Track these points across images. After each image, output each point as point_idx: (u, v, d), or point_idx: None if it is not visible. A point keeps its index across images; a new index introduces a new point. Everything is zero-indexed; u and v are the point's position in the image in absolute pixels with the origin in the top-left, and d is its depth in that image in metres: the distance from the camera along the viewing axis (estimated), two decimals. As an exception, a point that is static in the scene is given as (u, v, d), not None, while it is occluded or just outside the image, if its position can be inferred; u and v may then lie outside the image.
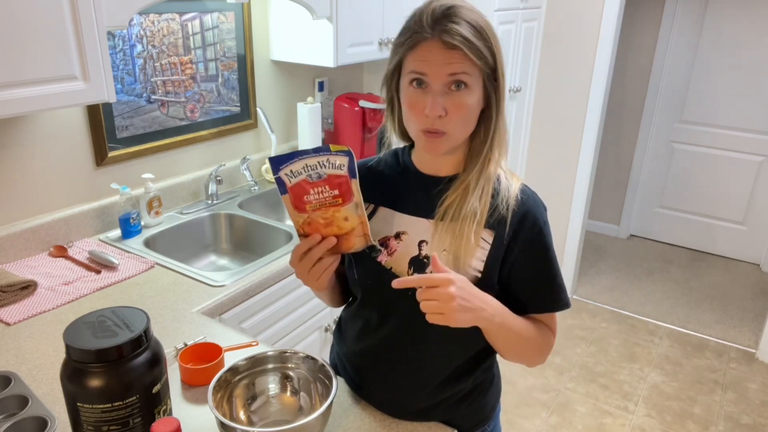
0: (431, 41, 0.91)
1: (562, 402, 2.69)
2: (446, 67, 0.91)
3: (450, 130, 0.94)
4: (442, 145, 0.96)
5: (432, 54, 0.91)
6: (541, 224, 1.01)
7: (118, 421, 0.90)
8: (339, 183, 0.91)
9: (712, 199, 4.06)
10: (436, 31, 0.90)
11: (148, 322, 0.95)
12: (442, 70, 0.91)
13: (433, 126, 0.94)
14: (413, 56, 0.93)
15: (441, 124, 0.93)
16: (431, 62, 0.91)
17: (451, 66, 0.90)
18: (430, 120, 0.93)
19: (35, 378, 1.21)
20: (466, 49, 0.89)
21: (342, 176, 0.90)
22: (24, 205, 1.70)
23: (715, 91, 3.85)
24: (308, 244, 0.95)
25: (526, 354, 1.05)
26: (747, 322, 3.36)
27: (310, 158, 0.90)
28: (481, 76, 0.94)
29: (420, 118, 0.94)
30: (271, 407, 1.07)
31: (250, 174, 2.27)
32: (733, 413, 2.64)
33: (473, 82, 0.93)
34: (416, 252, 1.02)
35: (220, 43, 2.14)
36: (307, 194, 0.92)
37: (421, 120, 0.94)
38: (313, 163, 0.90)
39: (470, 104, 0.94)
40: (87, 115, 1.80)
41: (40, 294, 1.52)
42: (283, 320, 1.80)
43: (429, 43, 0.91)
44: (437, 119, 0.93)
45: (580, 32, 3.04)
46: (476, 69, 0.92)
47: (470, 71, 0.92)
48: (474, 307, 0.90)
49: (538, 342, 1.04)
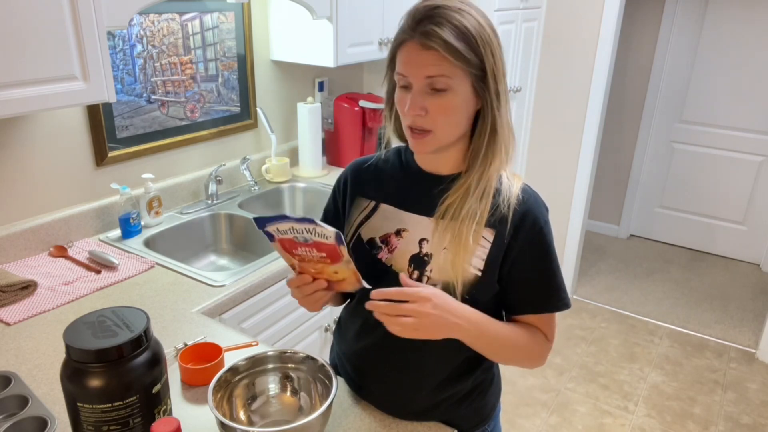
0: (411, 42, 0.92)
1: (562, 402, 2.69)
2: (423, 69, 0.91)
3: (435, 128, 0.95)
4: (427, 144, 0.97)
5: (411, 55, 0.92)
6: (541, 223, 1.01)
7: (118, 421, 0.90)
8: (328, 248, 0.92)
9: (712, 199, 4.06)
10: (417, 32, 0.91)
11: (148, 322, 0.95)
12: (419, 71, 0.92)
13: (415, 123, 0.95)
14: (398, 57, 0.95)
15: (424, 122, 0.94)
16: (410, 63, 0.92)
17: (426, 68, 0.91)
18: (410, 118, 0.94)
19: (35, 378, 1.21)
20: (444, 51, 0.89)
21: (329, 244, 0.91)
22: (24, 205, 1.70)
23: (715, 91, 3.85)
24: (300, 282, 0.99)
25: (513, 360, 1.06)
26: (747, 322, 3.36)
27: (296, 223, 0.91)
28: (466, 77, 0.92)
29: (404, 115, 0.96)
30: (271, 407, 1.07)
31: (250, 174, 2.27)
32: (733, 413, 2.64)
33: (455, 84, 0.92)
34: (417, 249, 1.02)
35: (220, 43, 2.14)
36: (295, 249, 0.95)
37: (405, 117, 0.96)
38: (299, 227, 0.91)
39: (453, 106, 0.93)
40: (87, 115, 1.80)
41: (40, 294, 1.52)
42: (283, 320, 1.80)
43: (409, 44, 0.92)
44: (418, 117, 0.94)
45: (580, 32, 3.04)
46: (457, 70, 0.91)
47: (449, 73, 0.91)
48: (448, 323, 0.92)
49: (527, 348, 1.04)
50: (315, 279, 0.98)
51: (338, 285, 0.99)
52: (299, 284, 1.00)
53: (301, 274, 0.99)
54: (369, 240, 1.07)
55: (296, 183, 2.41)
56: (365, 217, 1.09)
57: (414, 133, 0.96)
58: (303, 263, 0.97)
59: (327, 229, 0.89)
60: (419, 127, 0.95)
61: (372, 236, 1.07)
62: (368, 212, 1.09)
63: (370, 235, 1.08)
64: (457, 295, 0.99)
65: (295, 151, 2.54)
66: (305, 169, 2.49)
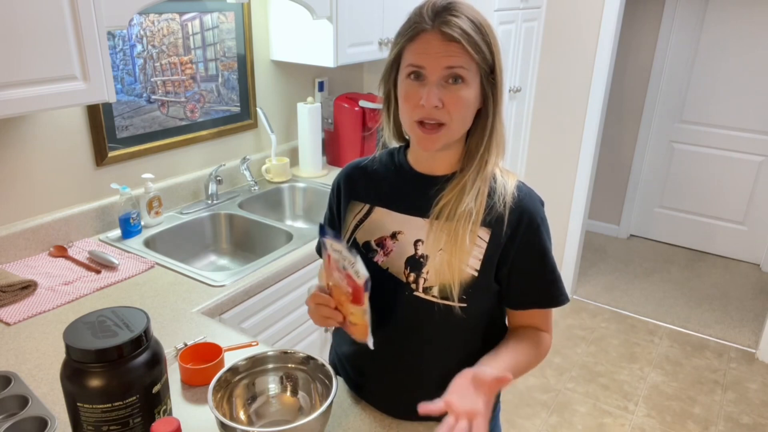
0: (430, 33, 0.91)
1: (562, 402, 2.69)
2: (444, 59, 0.90)
3: (450, 121, 0.93)
4: (439, 139, 0.95)
5: (431, 46, 0.91)
6: (538, 221, 1.01)
7: (118, 421, 0.90)
8: (355, 287, 0.94)
9: (712, 199, 4.06)
10: (437, 22, 0.90)
11: (148, 322, 0.95)
12: (440, 62, 0.91)
13: (430, 116, 0.92)
14: (412, 48, 0.93)
15: (439, 114, 0.92)
16: (429, 54, 0.91)
17: (449, 59, 0.90)
18: (426, 110, 0.92)
19: (35, 378, 1.21)
20: (465, 42, 0.89)
21: (359, 285, 0.93)
22: (24, 205, 1.70)
23: (715, 91, 3.85)
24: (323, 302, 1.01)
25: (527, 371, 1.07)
26: (747, 322, 3.36)
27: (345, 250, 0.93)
28: (478, 72, 0.93)
29: (415, 109, 0.93)
30: (271, 407, 1.07)
31: (250, 174, 2.27)
32: (733, 413, 2.64)
33: (470, 78, 0.92)
34: (412, 251, 1.02)
35: (220, 43, 2.14)
36: (334, 270, 0.97)
37: (416, 111, 0.93)
38: (344, 254, 0.93)
39: (467, 99, 0.93)
40: (87, 115, 1.80)
41: (40, 294, 1.52)
42: (283, 320, 1.80)
43: (428, 34, 0.91)
44: (434, 110, 0.92)
45: (580, 32, 3.04)
46: (473, 64, 0.92)
47: (467, 66, 0.91)
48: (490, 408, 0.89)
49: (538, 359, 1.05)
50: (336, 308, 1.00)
51: (350, 327, 1.01)
52: (322, 303, 1.01)
53: (328, 296, 1.01)
54: (365, 243, 1.07)
55: (296, 183, 2.41)
56: (360, 220, 1.08)
57: (425, 128, 0.94)
58: (334, 288, 1.00)
59: (361, 270, 0.91)
60: (434, 120, 0.93)
61: (367, 239, 1.07)
62: (363, 215, 1.08)
63: (365, 239, 1.07)
64: (454, 296, 0.99)
65: (295, 151, 2.54)
66: (305, 169, 2.49)
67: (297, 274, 1.80)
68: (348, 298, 0.96)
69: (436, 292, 1.00)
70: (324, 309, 1.01)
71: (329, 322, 1.02)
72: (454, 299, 0.99)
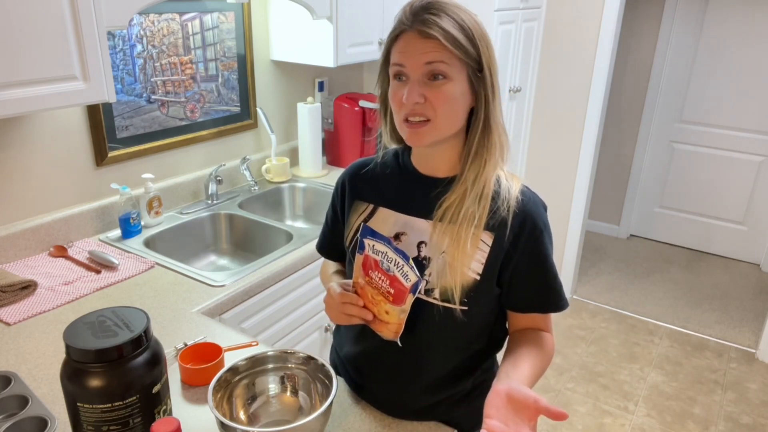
0: (409, 32, 0.92)
1: (562, 402, 2.68)
2: (422, 56, 0.91)
3: (434, 117, 0.94)
4: (425, 134, 0.95)
5: (409, 45, 0.92)
6: (541, 227, 1.01)
7: (118, 421, 0.90)
8: (399, 288, 0.95)
9: (711, 199, 4.06)
10: (415, 22, 0.92)
11: (148, 322, 0.95)
12: (419, 59, 0.92)
13: (414, 112, 0.93)
14: (395, 48, 0.95)
15: (424, 110, 0.93)
16: (409, 52, 0.92)
17: (426, 54, 0.91)
18: (408, 107, 0.93)
19: (35, 378, 1.21)
20: (442, 38, 0.90)
21: (404, 287, 0.94)
22: (24, 205, 1.70)
23: (715, 91, 3.85)
24: (351, 301, 1.01)
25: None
26: (747, 322, 3.36)
27: (392, 252, 0.94)
28: (463, 69, 0.93)
29: (401, 107, 0.95)
30: (271, 407, 1.07)
31: (250, 174, 2.27)
32: (733, 413, 2.64)
33: (453, 74, 0.92)
34: (415, 253, 1.02)
35: (220, 43, 2.14)
36: (372, 271, 0.98)
37: (402, 109, 0.95)
38: (392, 256, 0.94)
39: (451, 94, 0.93)
40: (87, 115, 1.80)
41: (40, 294, 1.52)
42: (283, 320, 1.80)
43: (408, 34, 0.93)
44: (418, 106, 0.93)
45: (580, 32, 3.04)
46: (455, 59, 0.92)
47: (448, 61, 0.91)
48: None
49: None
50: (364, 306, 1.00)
51: (379, 324, 1.00)
52: (349, 302, 1.01)
53: (355, 295, 1.01)
54: None
55: (296, 183, 2.41)
56: (364, 220, 1.09)
57: (411, 125, 0.95)
58: (366, 287, 1.00)
59: (412, 273, 0.92)
60: (418, 115, 0.94)
61: None
62: (367, 215, 1.09)
63: None
64: (455, 299, 0.99)
65: (295, 151, 2.54)
66: (305, 169, 2.49)
67: (297, 274, 1.80)
68: (387, 297, 0.97)
69: (438, 294, 1.00)
70: (351, 307, 1.01)
71: (353, 320, 1.02)
72: (455, 302, 0.99)
